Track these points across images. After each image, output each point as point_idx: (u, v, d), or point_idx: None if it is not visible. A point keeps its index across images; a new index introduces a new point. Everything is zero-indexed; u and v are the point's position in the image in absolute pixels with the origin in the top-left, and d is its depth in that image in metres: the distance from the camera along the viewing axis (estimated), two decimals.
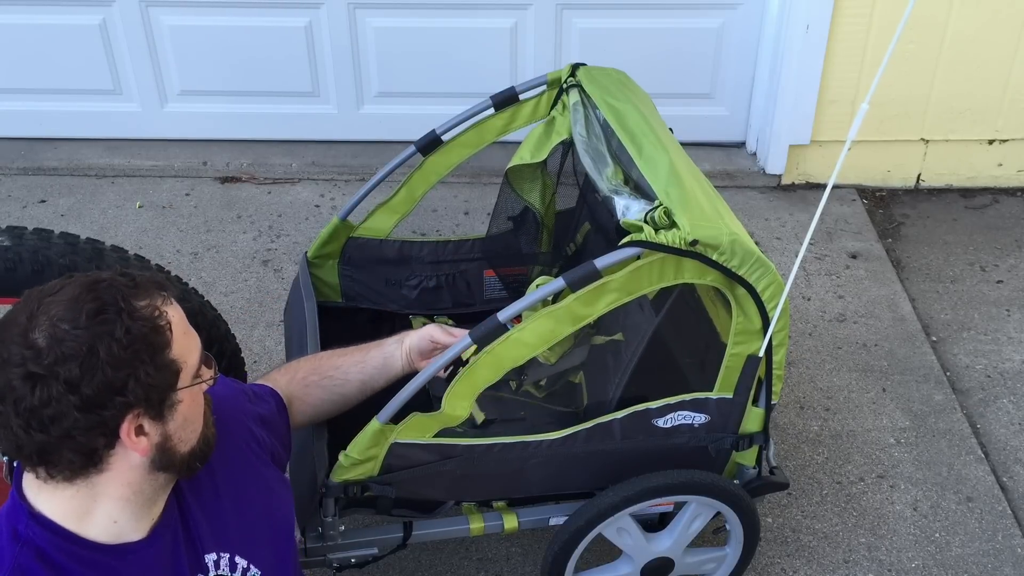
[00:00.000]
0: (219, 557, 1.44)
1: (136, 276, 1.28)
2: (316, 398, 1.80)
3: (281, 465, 1.67)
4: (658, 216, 1.71)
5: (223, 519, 1.46)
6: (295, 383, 1.78)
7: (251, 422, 1.59)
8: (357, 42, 3.69)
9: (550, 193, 2.42)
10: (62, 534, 1.27)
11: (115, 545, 1.30)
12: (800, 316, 3.12)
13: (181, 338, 1.28)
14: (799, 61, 3.49)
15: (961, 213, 3.71)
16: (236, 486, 1.50)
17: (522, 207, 2.40)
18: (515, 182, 2.34)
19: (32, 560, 1.25)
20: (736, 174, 3.82)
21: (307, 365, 1.83)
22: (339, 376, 1.81)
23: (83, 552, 1.28)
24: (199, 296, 2.15)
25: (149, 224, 3.52)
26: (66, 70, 3.75)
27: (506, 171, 2.28)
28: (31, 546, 1.26)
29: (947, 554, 2.38)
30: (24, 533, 1.26)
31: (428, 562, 2.32)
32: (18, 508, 1.29)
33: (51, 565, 1.25)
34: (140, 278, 1.28)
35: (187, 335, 1.30)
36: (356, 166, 3.82)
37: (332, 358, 1.84)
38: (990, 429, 2.74)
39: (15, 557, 1.24)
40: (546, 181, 2.39)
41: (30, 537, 1.26)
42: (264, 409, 1.66)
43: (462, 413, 1.79)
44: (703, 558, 2.16)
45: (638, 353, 1.94)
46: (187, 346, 1.29)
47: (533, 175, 2.35)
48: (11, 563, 1.24)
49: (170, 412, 1.28)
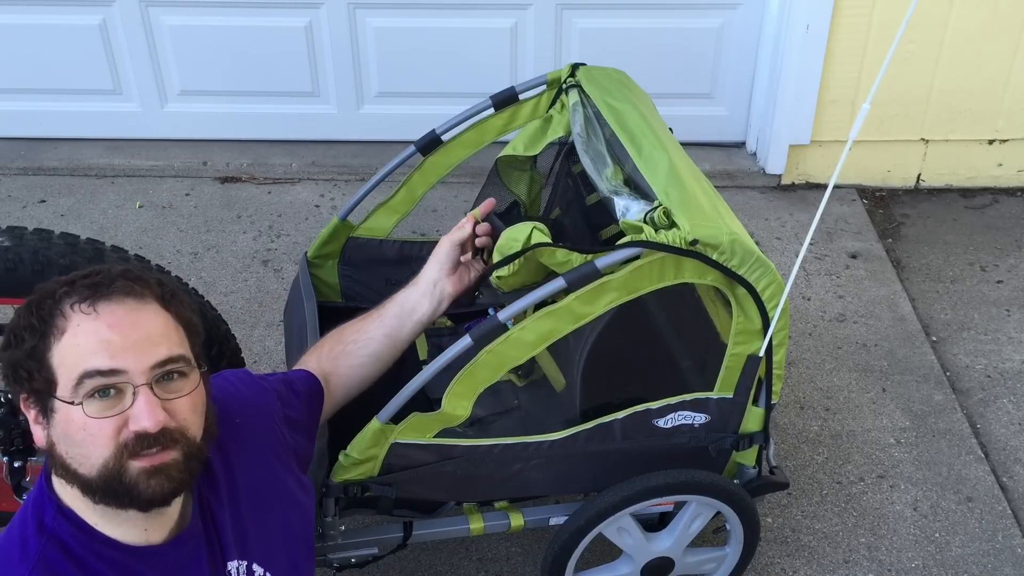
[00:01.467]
0: (239, 564, 1.45)
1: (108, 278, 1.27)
2: (347, 366, 1.78)
3: (305, 460, 1.67)
4: (658, 216, 1.71)
5: (243, 526, 1.46)
6: (324, 359, 1.77)
7: (278, 424, 1.58)
8: (357, 42, 3.69)
9: (537, 188, 2.41)
10: (87, 531, 1.29)
11: (138, 547, 1.31)
12: (800, 316, 3.12)
13: (70, 350, 1.22)
14: (799, 61, 3.49)
15: (961, 213, 3.71)
16: (257, 493, 1.50)
17: (508, 199, 2.39)
18: (503, 172, 2.34)
19: (57, 554, 1.26)
20: (736, 174, 3.82)
21: (331, 340, 1.82)
22: (362, 338, 1.80)
23: (106, 551, 1.29)
24: (199, 296, 2.15)
25: (149, 224, 3.52)
26: (66, 70, 3.75)
27: (496, 160, 2.27)
28: (56, 539, 1.27)
29: (947, 554, 2.38)
30: (51, 525, 1.28)
31: (428, 562, 2.32)
32: (46, 499, 1.31)
33: (75, 560, 1.27)
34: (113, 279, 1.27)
35: (90, 350, 1.21)
36: (356, 166, 3.82)
37: (353, 324, 1.84)
38: (990, 429, 2.74)
39: (42, 548, 1.26)
40: (534, 176, 2.38)
41: (56, 530, 1.28)
42: (292, 408, 1.64)
43: (462, 413, 1.79)
44: (703, 558, 2.16)
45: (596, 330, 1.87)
46: (77, 359, 1.21)
47: (522, 167, 2.35)
48: (37, 554, 1.26)
49: (51, 416, 1.24)
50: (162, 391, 1.25)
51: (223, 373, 1.63)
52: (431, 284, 1.85)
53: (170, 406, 1.25)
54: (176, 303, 1.32)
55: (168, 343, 1.27)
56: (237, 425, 1.51)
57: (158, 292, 1.30)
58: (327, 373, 1.76)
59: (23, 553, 1.26)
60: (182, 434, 1.27)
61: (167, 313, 1.29)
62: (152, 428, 1.22)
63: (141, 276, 1.30)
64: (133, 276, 1.29)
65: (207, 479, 1.43)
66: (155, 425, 1.22)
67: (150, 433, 1.22)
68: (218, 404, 1.48)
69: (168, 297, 1.31)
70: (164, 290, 1.31)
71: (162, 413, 1.24)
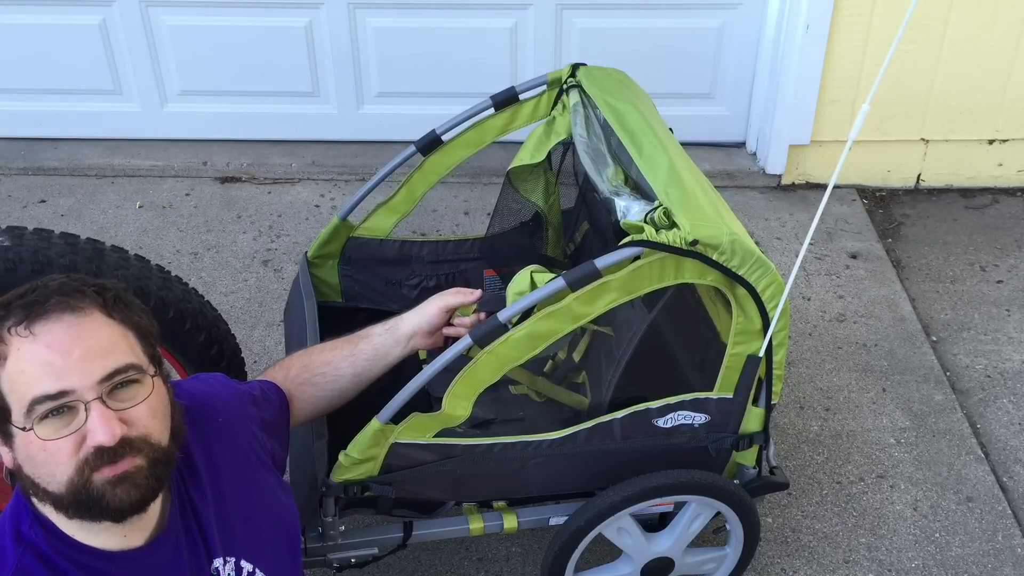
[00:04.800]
0: (225, 562, 1.45)
1: (43, 295, 1.23)
2: (310, 395, 1.77)
3: (280, 465, 1.67)
4: (658, 216, 1.71)
5: (230, 524, 1.46)
6: (289, 381, 1.76)
7: (255, 426, 1.58)
8: (357, 42, 3.69)
9: (554, 192, 2.42)
10: (64, 539, 1.28)
11: (115, 552, 1.31)
12: (800, 316, 3.12)
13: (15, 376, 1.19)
14: (799, 61, 3.49)
15: (961, 213, 3.71)
16: (241, 490, 1.49)
17: (525, 207, 2.39)
18: (517, 183, 2.34)
19: (34, 562, 1.26)
20: (736, 174, 3.82)
21: (299, 362, 1.80)
22: (331, 372, 1.78)
23: (83, 558, 1.29)
24: (199, 296, 2.15)
25: (149, 224, 3.52)
26: (66, 70, 3.75)
27: (507, 172, 2.28)
28: (33, 548, 1.27)
29: (947, 554, 2.38)
30: (28, 535, 1.27)
31: (428, 562, 2.32)
32: (23, 509, 1.30)
33: (52, 568, 1.26)
34: (48, 296, 1.23)
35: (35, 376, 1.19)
36: (356, 166, 3.82)
37: (322, 353, 1.81)
38: (990, 429, 2.74)
39: (19, 558, 1.26)
40: (548, 179, 2.39)
41: (33, 539, 1.27)
42: (268, 413, 1.65)
43: (462, 413, 1.79)
44: (703, 558, 2.16)
45: (629, 351, 1.93)
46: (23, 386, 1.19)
47: (535, 175, 2.35)
48: (14, 563, 1.25)
49: (12, 441, 1.23)
50: (115, 402, 1.22)
51: (200, 375, 1.62)
52: (407, 337, 1.83)
53: (127, 415, 1.23)
54: (121, 308, 1.28)
55: (115, 353, 1.23)
56: (221, 424, 1.50)
57: (99, 301, 1.25)
58: (291, 396, 1.74)
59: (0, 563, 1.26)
60: (144, 441, 1.24)
61: (111, 320, 1.25)
62: (108, 442, 1.20)
63: (78, 288, 1.25)
64: (69, 289, 1.24)
65: (192, 477, 1.43)
66: (111, 439, 1.20)
67: (108, 446, 1.20)
68: (202, 403, 1.48)
69: (111, 303, 1.27)
70: (106, 296, 1.27)
71: (118, 425, 1.21)
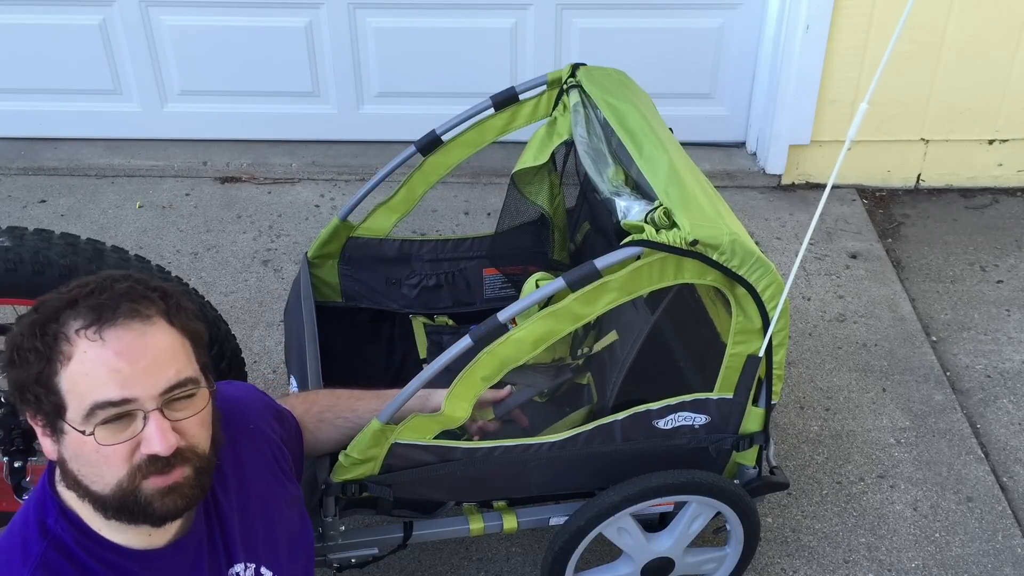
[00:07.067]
0: (246, 567, 1.46)
1: (113, 299, 1.24)
2: (326, 435, 1.81)
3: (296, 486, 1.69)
4: (658, 216, 1.71)
5: (252, 529, 1.48)
6: (310, 415, 1.79)
7: (278, 438, 1.60)
8: (357, 42, 3.69)
9: (558, 194, 2.42)
10: (90, 535, 1.30)
11: (138, 550, 1.33)
12: (800, 316, 3.12)
13: (78, 378, 1.21)
14: (799, 61, 3.49)
15: (961, 213, 3.71)
16: (267, 499, 1.52)
17: (531, 210, 2.40)
18: (522, 187, 2.34)
19: (57, 556, 1.28)
20: (736, 174, 3.82)
21: (324, 401, 1.83)
22: (353, 419, 1.81)
23: (107, 554, 1.31)
24: (199, 296, 2.15)
25: (149, 224, 3.52)
26: (66, 70, 3.75)
27: (512, 175, 2.28)
28: (58, 542, 1.29)
29: (947, 554, 2.38)
30: (53, 528, 1.30)
31: (428, 562, 2.32)
32: (49, 501, 1.32)
33: (76, 563, 1.29)
34: (118, 301, 1.24)
35: (100, 381, 1.20)
36: (356, 166, 3.82)
37: (351, 400, 1.84)
38: (990, 429, 2.74)
39: (43, 550, 1.28)
40: (553, 181, 2.39)
41: (58, 532, 1.30)
42: (287, 435, 1.67)
43: (462, 414, 1.79)
44: (703, 558, 2.16)
45: (632, 353, 1.93)
46: (86, 389, 1.21)
47: (539, 177, 2.35)
48: (38, 556, 1.28)
49: (61, 436, 1.25)
50: (172, 412, 1.26)
51: (233, 382, 1.66)
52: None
53: (180, 426, 1.26)
54: (181, 315, 1.30)
55: (176, 365, 1.26)
56: (251, 431, 1.53)
57: (163, 307, 1.28)
58: (305, 429, 1.77)
59: (24, 554, 1.28)
60: (192, 451, 1.28)
61: (173, 329, 1.28)
62: (164, 452, 1.23)
63: (145, 293, 1.27)
64: (137, 295, 1.26)
65: (219, 480, 1.44)
66: (167, 449, 1.23)
67: (162, 456, 1.24)
68: (234, 408, 1.50)
69: (173, 310, 1.29)
70: (169, 303, 1.29)
71: (173, 436, 1.24)
